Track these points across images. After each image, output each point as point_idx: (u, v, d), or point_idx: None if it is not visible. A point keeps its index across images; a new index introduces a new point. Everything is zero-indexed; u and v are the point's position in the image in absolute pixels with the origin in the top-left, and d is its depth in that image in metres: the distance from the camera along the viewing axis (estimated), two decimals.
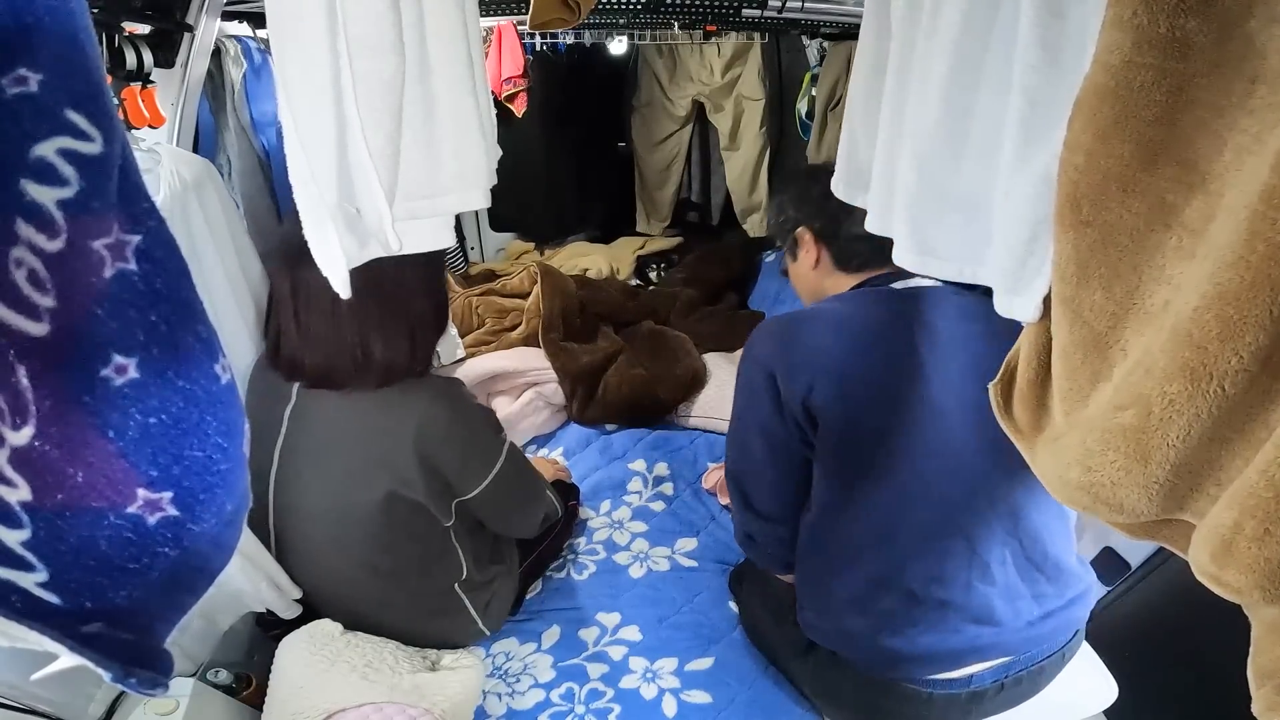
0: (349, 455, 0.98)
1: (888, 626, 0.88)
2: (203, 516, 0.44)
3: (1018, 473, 0.80)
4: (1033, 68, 0.59)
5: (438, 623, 1.14)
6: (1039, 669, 0.91)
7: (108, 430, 0.41)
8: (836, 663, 0.95)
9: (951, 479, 0.84)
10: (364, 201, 0.81)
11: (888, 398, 0.84)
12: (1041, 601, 0.89)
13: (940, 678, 0.89)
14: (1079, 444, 0.57)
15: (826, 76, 2.02)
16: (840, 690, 0.97)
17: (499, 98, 2.01)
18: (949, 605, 0.86)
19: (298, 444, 0.99)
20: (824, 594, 0.95)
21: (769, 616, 1.09)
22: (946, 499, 0.84)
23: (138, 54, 0.97)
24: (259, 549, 1.02)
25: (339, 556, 1.04)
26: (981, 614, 0.86)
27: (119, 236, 0.41)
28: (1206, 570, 0.50)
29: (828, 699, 1.03)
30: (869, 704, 0.94)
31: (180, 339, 0.44)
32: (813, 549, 0.95)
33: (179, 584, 0.45)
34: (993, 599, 0.86)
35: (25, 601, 0.38)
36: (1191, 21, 0.46)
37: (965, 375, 0.82)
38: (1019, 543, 0.86)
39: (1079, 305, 0.57)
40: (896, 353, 0.84)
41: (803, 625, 0.99)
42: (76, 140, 0.39)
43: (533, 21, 1.32)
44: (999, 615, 0.86)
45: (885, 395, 0.84)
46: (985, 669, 0.89)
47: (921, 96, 0.74)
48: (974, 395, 0.79)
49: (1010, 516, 0.84)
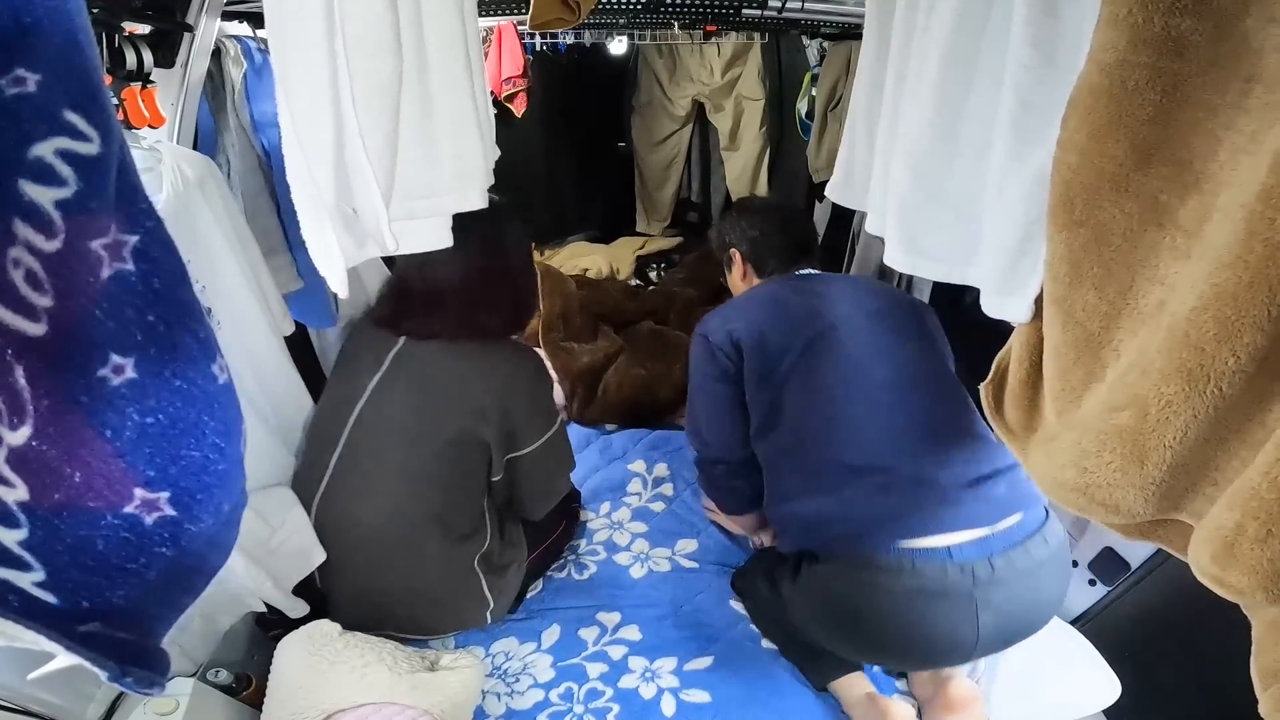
0: (441, 390, 1.13)
1: (842, 501, 1.00)
2: (200, 516, 0.44)
3: (908, 367, 1.07)
4: (1025, 67, 0.59)
5: (455, 596, 1.20)
6: (1024, 550, 0.94)
7: (105, 430, 0.41)
8: (819, 562, 1.03)
9: (857, 377, 1.06)
10: (361, 201, 0.81)
11: (791, 327, 1.11)
12: (975, 465, 0.98)
13: (916, 546, 0.93)
14: (1074, 445, 0.57)
15: (826, 76, 2.01)
16: (832, 589, 1.01)
17: (499, 98, 2.01)
18: (888, 471, 0.99)
19: (397, 375, 1.14)
20: (785, 492, 1.09)
21: (767, 584, 1.19)
22: (859, 392, 1.05)
23: (138, 54, 0.97)
24: (260, 548, 1.03)
25: (398, 479, 1.13)
26: (921, 475, 0.97)
27: (116, 237, 0.41)
28: (1208, 571, 0.50)
29: (828, 614, 1.04)
30: (863, 588, 0.96)
31: (178, 339, 0.44)
32: (768, 467, 1.14)
33: (176, 583, 0.45)
34: (924, 463, 0.98)
35: (22, 601, 0.38)
36: (1187, 20, 0.46)
37: (854, 308, 1.12)
38: (927, 420, 1.03)
39: (1071, 305, 0.57)
40: (795, 303, 1.16)
41: (778, 526, 1.15)
42: (74, 141, 0.39)
43: (533, 21, 1.32)
44: (938, 477, 0.97)
45: (790, 326, 1.11)
46: (962, 541, 0.93)
47: (915, 95, 0.74)
48: (862, 321, 1.11)
49: (916, 402, 1.04)
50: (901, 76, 0.78)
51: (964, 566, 0.91)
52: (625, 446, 1.80)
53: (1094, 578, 1.23)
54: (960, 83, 0.68)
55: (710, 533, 1.49)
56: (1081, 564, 1.25)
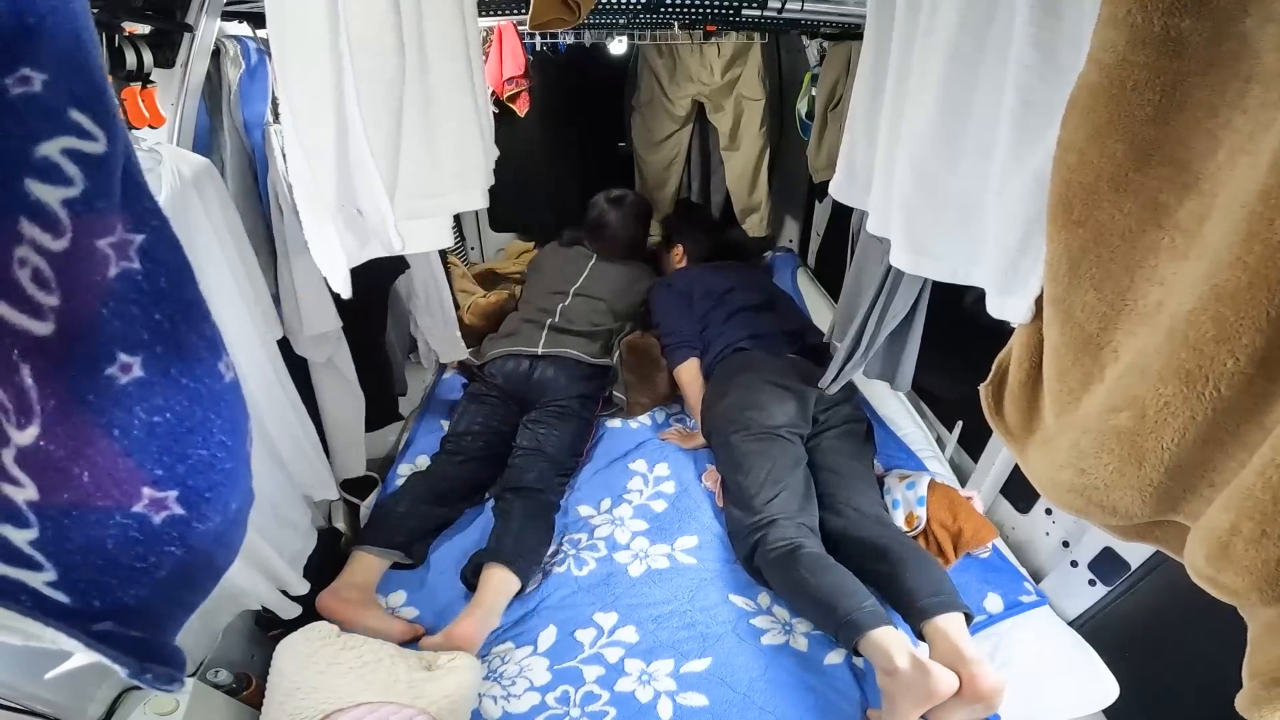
0: (613, 287, 2.13)
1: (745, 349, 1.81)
2: (208, 515, 0.44)
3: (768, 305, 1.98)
4: (1027, 67, 0.59)
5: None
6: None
7: (113, 429, 0.41)
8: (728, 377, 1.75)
9: (750, 314, 1.91)
10: (365, 201, 0.81)
11: (715, 287, 1.99)
12: (792, 336, 1.88)
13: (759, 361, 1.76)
14: (1071, 446, 0.57)
15: (826, 76, 2.01)
16: (750, 378, 1.68)
17: (501, 98, 2.01)
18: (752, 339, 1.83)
19: (597, 277, 2.16)
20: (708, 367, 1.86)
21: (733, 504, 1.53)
22: (751, 319, 1.89)
23: (138, 54, 0.97)
24: (260, 546, 1.03)
25: (572, 336, 1.94)
26: (763, 339, 1.84)
27: (123, 235, 0.41)
28: (1203, 572, 0.50)
29: (757, 414, 1.59)
30: (755, 372, 1.70)
31: (184, 337, 0.44)
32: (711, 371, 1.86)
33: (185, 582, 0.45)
34: (766, 334, 1.86)
35: (35, 601, 0.38)
36: (1186, 20, 0.46)
37: (744, 280, 2.06)
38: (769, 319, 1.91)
39: (1070, 306, 0.57)
40: (715, 273, 2.07)
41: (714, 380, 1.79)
42: (80, 140, 0.39)
43: (533, 21, 1.32)
44: (771, 339, 1.85)
45: (714, 286, 2.00)
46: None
47: (918, 97, 0.74)
48: (738, 289, 1.99)
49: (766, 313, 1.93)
50: (903, 77, 0.79)
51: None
52: (625, 446, 1.81)
53: (1094, 578, 1.23)
54: (963, 83, 0.68)
55: (710, 529, 1.50)
56: (1081, 564, 1.25)
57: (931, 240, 0.78)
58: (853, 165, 1.05)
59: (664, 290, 2.05)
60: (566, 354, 1.87)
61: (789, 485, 1.42)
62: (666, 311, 1.98)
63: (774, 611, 1.31)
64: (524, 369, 1.84)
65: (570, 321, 1.98)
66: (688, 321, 1.94)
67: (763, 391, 1.62)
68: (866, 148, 0.98)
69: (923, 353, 1.34)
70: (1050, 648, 1.20)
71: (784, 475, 1.44)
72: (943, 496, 1.44)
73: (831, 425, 1.63)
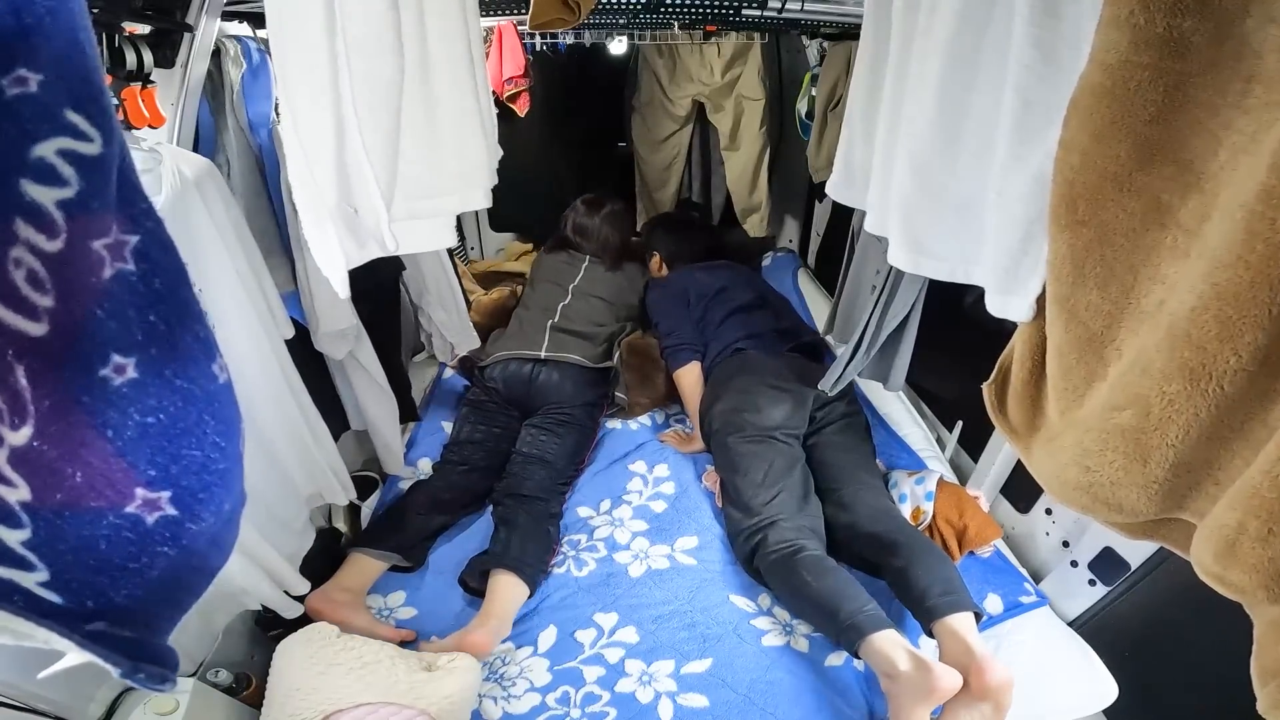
0: (610, 288, 2.13)
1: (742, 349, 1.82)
2: (201, 516, 0.44)
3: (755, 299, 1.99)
4: (1027, 67, 0.59)
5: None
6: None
7: (106, 430, 0.41)
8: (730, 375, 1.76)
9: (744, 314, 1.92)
10: (361, 201, 0.81)
11: (707, 288, 2.00)
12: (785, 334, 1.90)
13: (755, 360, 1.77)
14: (1076, 444, 0.57)
15: (826, 76, 2.01)
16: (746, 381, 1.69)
17: (501, 98, 2.01)
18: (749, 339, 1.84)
19: (593, 277, 2.14)
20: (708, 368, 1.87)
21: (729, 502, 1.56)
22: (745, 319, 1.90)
23: (138, 54, 0.97)
24: (261, 545, 1.03)
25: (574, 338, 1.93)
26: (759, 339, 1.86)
27: (117, 237, 0.41)
28: (1210, 570, 0.50)
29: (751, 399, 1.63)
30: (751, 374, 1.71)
31: (179, 339, 0.44)
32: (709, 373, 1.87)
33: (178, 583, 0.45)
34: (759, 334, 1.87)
35: (27, 601, 0.38)
36: (1188, 21, 0.46)
37: (729, 279, 2.05)
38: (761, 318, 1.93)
39: (1074, 305, 0.57)
40: (706, 273, 2.07)
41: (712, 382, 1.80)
42: (76, 141, 0.39)
43: (533, 21, 1.32)
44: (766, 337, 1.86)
45: (706, 288, 2.00)
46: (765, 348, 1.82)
47: (917, 96, 0.74)
48: (729, 288, 2.00)
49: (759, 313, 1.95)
50: (902, 77, 0.78)
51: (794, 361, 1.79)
52: (626, 447, 1.81)
53: (1094, 578, 1.22)
54: (962, 83, 0.68)
55: (710, 530, 1.49)
56: (1081, 564, 1.25)
57: (931, 239, 0.78)
58: (850, 164, 1.04)
59: (660, 291, 2.05)
60: (569, 359, 1.85)
61: (786, 486, 1.42)
62: (665, 313, 1.98)
63: (775, 612, 1.30)
64: (526, 372, 1.83)
65: (571, 321, 1.97)
66: (687, 323, 1.94)
67: (759, 394, 1.62)
68: (864, 147, 0.97)
69: (923, 353, 1.34)
70: (1050, 648, 1.20)
71: (781, 477, 1.44)
72: (950, 494, 1.44)
73: (830, 421, 1.63)
